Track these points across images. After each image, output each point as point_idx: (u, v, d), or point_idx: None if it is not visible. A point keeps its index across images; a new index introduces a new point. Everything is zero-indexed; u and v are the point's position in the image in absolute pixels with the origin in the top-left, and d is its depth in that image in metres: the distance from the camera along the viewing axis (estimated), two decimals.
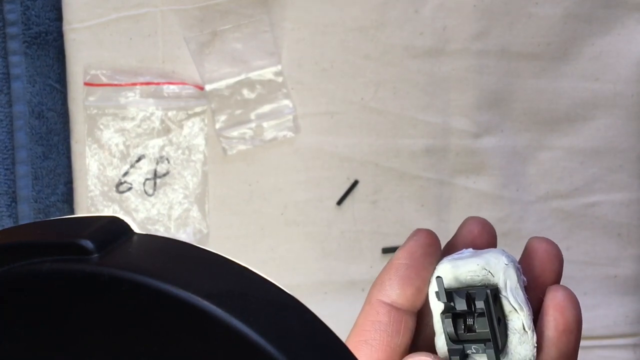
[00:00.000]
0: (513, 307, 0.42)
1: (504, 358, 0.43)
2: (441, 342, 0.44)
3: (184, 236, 0.80)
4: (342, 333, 0.35)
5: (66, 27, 0.78)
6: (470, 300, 0.42)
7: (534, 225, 0.82)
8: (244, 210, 0.80)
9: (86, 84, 0.78)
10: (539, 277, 0.44)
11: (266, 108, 0.79)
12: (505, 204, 0.81)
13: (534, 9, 0.79)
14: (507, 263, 0.42)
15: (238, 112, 0.79)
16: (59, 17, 0.78)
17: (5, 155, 0.79)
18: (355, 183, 0.80)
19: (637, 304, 0.82)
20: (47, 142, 0.79)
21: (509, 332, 0.42)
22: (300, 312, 0.29)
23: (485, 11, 0.79)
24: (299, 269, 0.81)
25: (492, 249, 0.44)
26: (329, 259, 0.81)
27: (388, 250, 0.81)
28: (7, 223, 0.79)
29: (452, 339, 0.43)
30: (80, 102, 0.78)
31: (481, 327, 0.42)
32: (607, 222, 0.82)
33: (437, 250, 0.45)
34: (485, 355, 0.42)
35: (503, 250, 0.43)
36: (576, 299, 0.44)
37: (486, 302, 0.42)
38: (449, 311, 0.43)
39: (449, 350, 0.43)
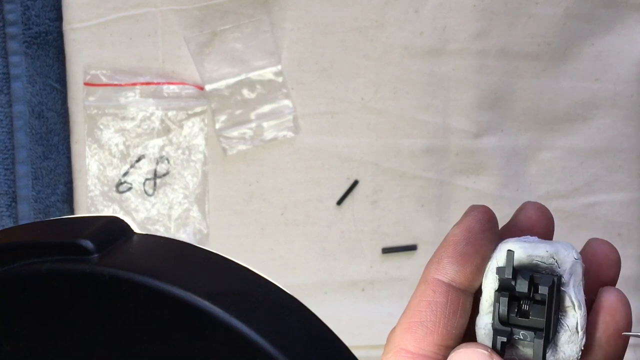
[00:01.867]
0: (573, 303, 0.41)
1: (548, 351, 0.41)
2: (484, 322, 0.41)
3: (184, 236, 0.80)
4: (342, 333, 0.35)
5: (66, 27, 0.78)
6: (532, 284, 0.40)
7: None
8: (244, 210, 0.80)
9: (86, 84, 0.78)
10: (595, 282, 0.43)
11: (266, 108, 0.79)
12: (505, 204, 0.81)
13: (534, 9, 0.79)
14: (576, 258, 0.41)
15: (238, 112, 0.79)
16: (59, 17, 0.78)
17: (5, 155, 0.79)
18: (355, 183, 0.80)
19: (637, 304, 0.82)
20: (47, 142, 0.79)
21: (559, 328, 0.41)
22: (300, 312, 0.29)
23: (485, 11, 0.79)
24: (299, 269, 0.81)
25: (562, 241, 0.43)
26: (329, 259, 0.81)
27: (388, 250, 0.81)
28: (7, 223, 0.79)
29: (501, 320, 0.41)
30: (80, 102, 0.78)
31: (536, 314, 0.40)
32: (607, 222, 0.82)
33: (496, 227, 0.43)
34: (532, 344, 0.41)
35: (572, 245, 0.42)
36: (628, 302, 0.42)
37: (551, 289, 0.40)
38: (506, 290, 0.41)
39: (494, 329, 0.41)
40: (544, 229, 0.44)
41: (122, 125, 0.79)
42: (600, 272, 0.43)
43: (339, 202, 0.80)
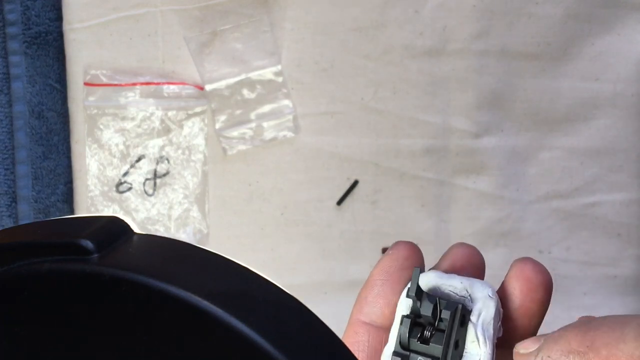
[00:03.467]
0: (477, 338, 0.39)
1: None
2: (389, 350, 0.41)
3: (184, 236, 0.80)
4: (342, 333, 0.35)
5: (66, 27, 0.78)
6: (437, 308, 0.39)
7: (534, 225, 0.82)
8: (244, 210, 0.80)
9: (86, 84, 0.78)
10: (519, 309, 0.41)
11: (266, 108, 0.79)
12: (505, 204, 0.81)
13: (534, 9, 0.79)
14: (491, 295, 0.40)
15: (238, 112, 0.79)
16: (59, 17, 0.78)
17: (5, 155, 0.79)
18: (355, 183, 0.80)
19: (637, 304, 0.82)
20: (47, 142, 0.79)
21: None
22: (300, 312, 0.29)
23: (485, 11, 0.79)
24: (299, 269, 0.81)
25: (480, 280, 0.42)
26: (329, 259, 0.81)
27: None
28: (7, 223, 0.79)
29: (402, 344, 0.40)
30: (80, 102, 0.78)
31: (436, 341, 0.39)
32: (607, 222, 0.82)
33: (416, 263, 0.42)
34: None
35: (491, 284, 0.41)
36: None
37: (453, 314, 0.39)
38: (412, 313, 0.40)
39: (394, 352, 0.40)
40: (473, 270, 0.42)
41: (122, 125, 0.79)
42: (525, 298, 0.41)
43: (339, 202, 0.80)
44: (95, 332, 0.29)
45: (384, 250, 0.81)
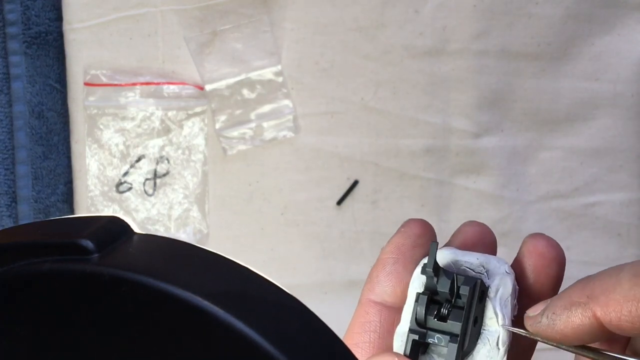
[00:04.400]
0: (496, 314, 0.39)
1: None
2: (402, 330, 0.39)
3: (184, 236, 0.80)
4: (342, 333, 0.35)
5: (66, 27, 0.78)
6: (454, 284, 0.38)
7: (534, 225, 0.82)
8: (244, 210, 0.80)
9: (86, 84, 0.78)
10: (533, 285, 0.41)
11: (266, 108, 0.79)
12: (505, 204, 0.81)
13: (534, 9, 0.79)
14: (507, 272, 0.39)
15: (238, 112, 0.79)
16: (59, 17, 0.78)
17: (5, 155, 0.79)
18: (355, 183, 0.80)
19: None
20: (47, 142, 0.79)
21: (480, 340, 0.39)
22: (300, 312, 0.29)
23: (485, 11, 0.79)
24: (299, 269, 0.81)
25: (496, 256, 0.41)
26: (329, 259, 0.81)
27: None
28: (7, 223, 0.79)
29: (418, 322, 0.39)
30: (80, 102, 0.78)
31: (455, 319, 0.38)
32: (607, 222, 0.82)
33: (430, 240, 0.41)
34: (445, 349, 0.38)
35: (506, 261, 0.40)
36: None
37: (471, 290, 0.38)
38: (427, 290, 0.39)
39: (410, 330, 0.39)
40: (484, 248, 0.42)
41: (122, 125, 0.79)
42: (539, 273, 0.41)
43: (339, 202, 0.80)
44: (96, 332, 0.29)
45: None
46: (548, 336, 0.38)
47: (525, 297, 0.41)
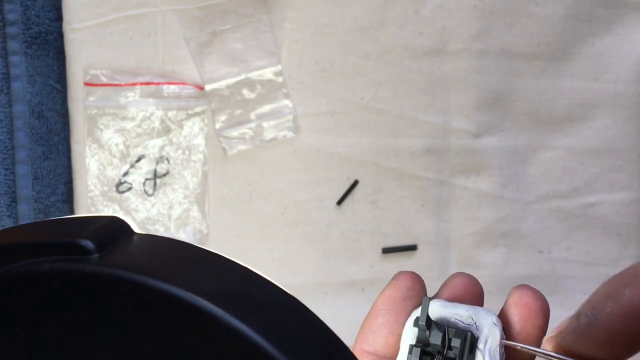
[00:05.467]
0: None
1: None
2: None
3: (184, 236, 0.80)
4: (342, 333, 0.35)
5: (66, 27, 0.78)
6: (446, 337, 0.40)
7: (534, 225, 0.82)
8: (244, 210, 0.80)
9: (86, 84, 0.78)
10: (519, 334, 0.41)
11: (266, 108, 0.79)
12: (505, 204, 0.81)
13: (534, 9, 0.79)
14: (495, 323, 0.41)
15: (238, 112, 0.79)
16: (59, 17, 0.78)
17: (5, 155, 0.79)
18: (355, 183, 0.80)
19: None
20: (47, 142, 0.79)
21: None
22: (300, 312, 0.29)
23: (485, 11, 0.79)
24: (299, 269, 0.81)
25: (484, 307, 0.42)
26: (329, 259, 0.81)
27: (388, 250, 0.81)
28: (7, 223, 0.79)
29: None
30: (80, 102, 0.78)
31: None
32: (607, 222, 0.82)
33: (420, 293, 0.43)
34: None
35: (494, 312, 0.42)
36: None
37: (463, 342, 0.40)
38: (419, 342, 0.41)
39: None
40: (472, 299, 0.43)
41: (122, 125, 0.79)
42: (525, 324, 0.41)
43: (339, 202, 0.80)
44: (96, 332, 0.29)
45: (384, 250, 0.81)
46: (586, 342, 0.36)
47: (512, 347, 0.41)
